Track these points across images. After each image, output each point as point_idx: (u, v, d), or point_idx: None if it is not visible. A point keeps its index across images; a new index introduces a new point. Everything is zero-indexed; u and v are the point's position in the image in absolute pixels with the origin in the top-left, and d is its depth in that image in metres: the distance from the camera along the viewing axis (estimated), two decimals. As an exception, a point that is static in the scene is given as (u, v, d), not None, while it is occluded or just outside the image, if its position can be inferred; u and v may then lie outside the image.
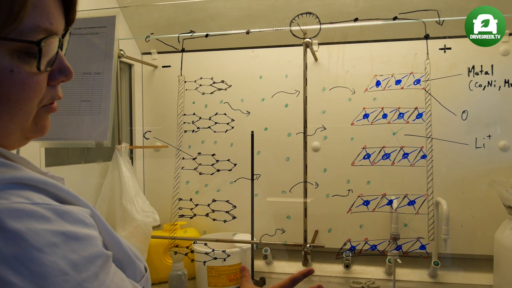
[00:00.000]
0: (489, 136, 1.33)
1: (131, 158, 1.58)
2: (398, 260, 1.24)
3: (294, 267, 1.48)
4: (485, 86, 1.33)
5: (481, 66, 1.33)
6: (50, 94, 0.43)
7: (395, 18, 1.14)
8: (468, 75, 1.34)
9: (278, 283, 0.74)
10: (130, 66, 1.61)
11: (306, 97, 1.23)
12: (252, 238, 1.35)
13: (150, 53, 1.63)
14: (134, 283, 0.45)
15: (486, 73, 1.33)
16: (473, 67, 1.33)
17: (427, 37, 1.16)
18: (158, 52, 1.62)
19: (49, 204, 0.36)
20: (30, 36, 0.38)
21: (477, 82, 1.33)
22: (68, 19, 0.44)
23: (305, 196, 1.22)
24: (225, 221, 1.36)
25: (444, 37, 1.30)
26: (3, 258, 0.31)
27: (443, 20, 1.10)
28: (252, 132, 1.35)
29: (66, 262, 0.33)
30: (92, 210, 0.42)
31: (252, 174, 1.33)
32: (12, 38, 0.37)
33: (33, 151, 1.17)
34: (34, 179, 0.37)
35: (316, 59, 1.46)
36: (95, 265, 0.36)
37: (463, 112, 1.33)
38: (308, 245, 1.28)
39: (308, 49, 1.26)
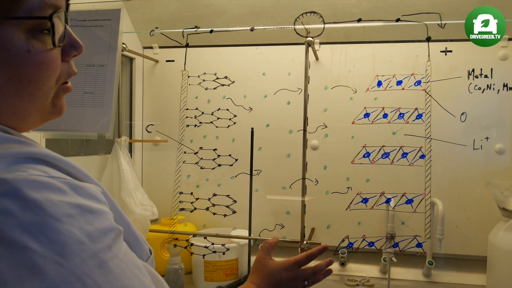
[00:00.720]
0: (487, 138, 1.36)
1: (130, 151, 1.58)
2: (393, 258, 1.25)
3: (290, 264, 1.49)
4: (484, 89, 1.36)
5: (481, 69, 1.35)
6: (66, 70, 0.44)
7: (397, 20, 1.15)
8: (468, 78, 1.36)
9: (294, 258, 0.75)
10: (131, 60, 1.61)
11: (307, 95, 1.24)
12: (250, 234, 1.36)
13: (151, 48, 1.63)
14: (142, 261, 0.45)
15: (486, 76, 1.35)
16: (473, 70, 1.36)
17: (428, 39, 1.18)
18: (160, 47, 1.62)
19: (64, 178, 0.37)
20: (39, 13, 0.38)
21: (476, 85, 1.36)
22: None
23: (304, 192, 1.24)
24: (225, 215, 1.37)
25: (445, 40, 1.33)
26: (23, 225, 0.31)
27: (445, 23, 1.12)
28: (252, 129, 1.36)
29: (82, 233, 0.34)
30: (103, 189, 0.43)
31: (251, 171, 1.34)
32: (24, 17, 0.37)
33: (34, 142, 1.16)
34: (49, 155, 0.38)
35: (317, 59, 1.47)
36: (109, 237, 0.37)
37: (462, 114, 1.35)
38: (305, 242, 1.29)
39: (310, 48, 1.27)
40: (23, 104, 0.39)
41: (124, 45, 1.37)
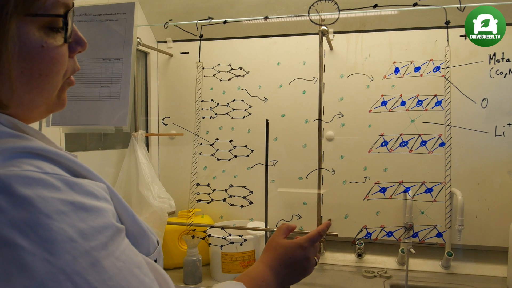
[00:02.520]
0: (510, 124, 1.32)
1: (147, 145, 1.60)
2: (412, 249, 1.24)
3: (308, 255, 1.48)
4: (506, 74, 1.31)
5: (503, 53, 1.31)
6: (72, 66, 0.46)
7: (415, 4, 1.13)
8: (489, 62, 1.32)
9: (307, 235, 0.76)
10: (146, 54, 1.63)
11: (323, 84, 1.23)
12: (266, 226, 1.36)
13: (165, 42, 1.64)
14: (148, 258, 0.45)
15: (508, 60, 1.31)
16: (494, 54, 1.32)
17: (447, 23, 1.15)
18: (174, 41, 1.63)
19: (59, 174, 0.36)
20: (53, 11, 0.40)
21: (498, 70, 1.32)
22: None
23: (321, 183, 1.23)
24: (242, 206, 1.37)
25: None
26: (12, 222, 0.31)
27: (464, 7, 1.09)
28: (267, 120, 1.36)
29: (74, 230, 0.34)
30: (107, 185, 0.43)
31: (267, 162, 1.34)
32: (42, 14, 0.39)
33: (54, 137, 1.19)
34: (46, 150, 0.38)
35: (331, 48, 1.46)
36: (104, 235, 0.36)
37: (483, 100, 1.32)
38: (322, 233, 1.28)
39: (324, 38, 1.26)
40: (32, 96, 0.41)
41: (138, 40, 1.38)
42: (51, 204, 0.33)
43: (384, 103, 1.26)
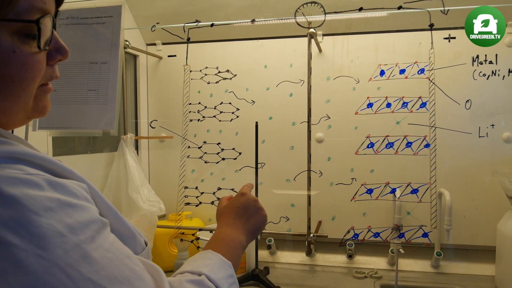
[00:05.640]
0: (493, 125, 1.34)
1: (136, 148, 1.59)
2: (401, 250, 1.24)
3: (297, 257, 1.49)
4: (489, 76, 1.33)
5: (485, 55, 1.33)
6: (49, 73, 0.44)
7: (399, 8, 1.14)
8: (472, 64, 1.34)
9: (242, 188, 0.75)
10: (135, 57, 1.62)
11: (310, 86, 1.23)
12: (256, 227, 1.36)
13: (154, 44, 1.64)
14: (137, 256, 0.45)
15: (490, 62, 1.33)
16: (477, 56, 1.34)
17: (431, 26, 1.16)
18: (163, 43, 1.63)
19: (43, 174, 0.37)
20: (26, 16, 0.39)
21: (481, 72, 1.33)
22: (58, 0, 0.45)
23: (309, 184, 1.23)
24: (230, 209, 1.37)
25: (449, 28, 1.31)
26: (1, 220, 0.32)
27: (448, 10, 1.10)
28: (257, 122, 1.36)
29: (62, 225, 0.34)
30: (88, 184, 0.43)
31: (257, 164, 1.34)
32: (12, 19, 0.38)
33: (41, 141, 1.18)
34: (29, 154, 0.38)
35: (320, 50, 1.46)
36: (91, 229, 0.37)
37: (466, 102, 1.33)
38: (311, 235, 1.29)
39: (312, 40, 1.27)
40: (7, 103, 0.40)
41: (127, 42, 1.38)
42: (37, 202, 0.34)
43: (370, 105, 1.27)
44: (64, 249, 0.33)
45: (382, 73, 1.27)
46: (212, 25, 1.31)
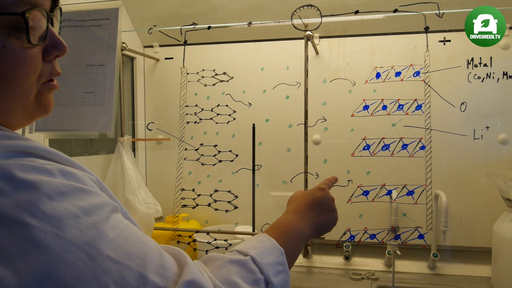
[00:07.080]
0: (487, 127, 1.35)
1: (133, 150, 1.59)
2: (398, 251, 1.25)
3: (294, 258, 1.49)
4: (483, 78, 1.34)
5: (480, 58, 1.34)
6: (48, 69, 0.43)
7: (395, 11, 1.15)
8: (467, 67, 1.35)
9: (323, 182, 0.74)
10: (132, 59, 1.63)
11: (307, 89, 1.24)
12: (253, 230, 1.37)
13: (152, 46, 1.64)
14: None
15: (485, 65, 1.34)
16: (472, 59, 1.35)
17: (427, 29, 1.17)
18: (160, 45, 1.63)
19: (54, 163, 0.38)
20: (14, 9, 0.38)
21: (476, 74, 1.34)
22: None
23: (306, 186, 1.24)
24: (226, 211, 1.38)
25: (444, 31, 1.32)
26: (18, 204, 0.32)
27: (443, 13, 1.11)
28: (254, 125, 1.37)
29: (76, 208, 0.35)
30: (98, 179, 0.43)
31: (253, 166, 1.35)
32: None
33: (37, 142, 1.18)
34: (39, 148, 0.39)
35: (317, 53, 1.47)
36: (105, 210, 0.38)
37: (461, 104, 1.34)
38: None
39: (309, 42, 1.27)
40: (4, 101, 0.40)
41: (124, 45, 1.38)
42: (51, 186, 0.35)
43: (366, 107, 1.28)
44: (80, 229, 0.34)
45: (378, 75, 1.28)
46: (209, 27, 1.32)
